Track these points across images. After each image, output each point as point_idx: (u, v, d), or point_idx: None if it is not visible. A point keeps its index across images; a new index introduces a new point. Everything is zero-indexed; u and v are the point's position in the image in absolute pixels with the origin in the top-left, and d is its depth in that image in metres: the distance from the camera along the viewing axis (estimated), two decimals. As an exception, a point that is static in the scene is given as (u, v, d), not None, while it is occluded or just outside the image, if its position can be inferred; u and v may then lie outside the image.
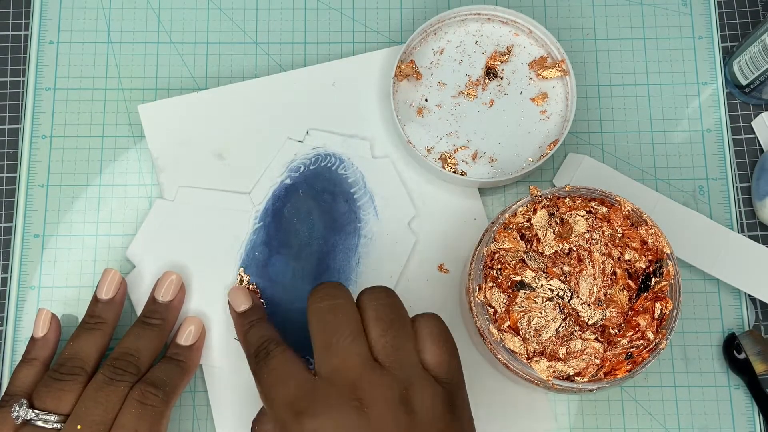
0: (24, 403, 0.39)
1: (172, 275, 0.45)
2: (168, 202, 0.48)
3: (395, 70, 0.48)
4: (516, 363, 0.39)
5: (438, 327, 0.38)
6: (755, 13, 0.53)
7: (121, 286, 0.44)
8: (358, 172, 0.49)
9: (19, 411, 0.39)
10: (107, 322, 0.43)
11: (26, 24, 0.52)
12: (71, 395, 0.39)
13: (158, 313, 0.44)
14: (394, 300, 0.38)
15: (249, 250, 0.47)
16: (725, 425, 0.46)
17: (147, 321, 0.43)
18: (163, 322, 0.43)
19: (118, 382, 0.40)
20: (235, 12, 0.52)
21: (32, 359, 0.42)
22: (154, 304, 0.44)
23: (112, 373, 0.40)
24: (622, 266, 0.41)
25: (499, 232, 0.41)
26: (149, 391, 0.40)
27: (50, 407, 0.39)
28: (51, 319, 0.44)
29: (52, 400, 0.39)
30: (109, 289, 0.44)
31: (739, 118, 0.51)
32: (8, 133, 0.50)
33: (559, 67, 0.49)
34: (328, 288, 0.38)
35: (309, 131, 0.49)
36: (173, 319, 0.45)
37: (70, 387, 0.40)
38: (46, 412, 0.39)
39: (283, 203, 0.48)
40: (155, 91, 0.51)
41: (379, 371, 0.35)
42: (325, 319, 0.37)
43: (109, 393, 0.39)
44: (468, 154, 0.49)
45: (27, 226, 0.48)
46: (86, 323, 0.43)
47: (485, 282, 0.41)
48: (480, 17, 0.50)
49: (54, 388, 0.40)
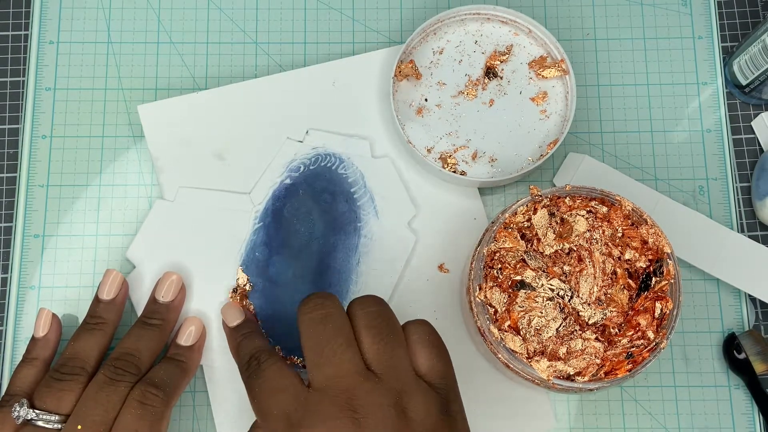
0: (24, 403, 0.39)
1: (172, 275, 0.45)
2: (168, 203, 0.48)
3: (395, 70, 0.48)
4: (516, 363, 0.39)
5: (429, 333, 0.37)
6: (755, 13, 0.53)
7: (122, 286, 0.44)
8: (358, 172, 0.49)
9: (19, 411, 0.39)
10: (108, 323, 0.43)
11: (26, 24, 0.52)
12: (72, 395, 0.39)
13: (159, 314, 0.44)
14: (383, 308, 0.38)
15: (249, 250, 0.47)
16: (725, 425, 0.46)
17: (147, 321, 0.43)
18: (164, 323, 0.43)
19: (118, 382, 0.40)
20: (235, 12, 0.52)
21: (33, 359, 0.42)
22: (154, 304, 0.44)
23: (112, 373, 0.40)
24: (623, 266, 0.41)
25: (499, 232, 0.41)
26: (150, 392, 0.40)
27: (51, 407, 0.39)
28: (52, 319, 0.44)
29: (52, 400, 0.39)
30: (111, 289, 0.44)
31: (739, 118, 0.51)
32: (8, 133, 0.50)
33: (559, 67, 0.49)
34: (318, 298, 0.38)
35: (309, 131, 0.49)
36: (174, 320, 0.45)
37: (71, 387, 0.40)
38: (46, 412, 0.39)
39: (283, 203, 0.48)
40: (155, 91, 0.51)
41: (372, 380, 0.35)
42: (316, 330, 0.36)
43: (110, 393, 0.39)
44: (468, 154, 0.49)
45: (27, 226, 0.48)
46: (87, 323, 0.43)
47: (486, 281, 0.41)
48: (479, 17, 0.50)
49: (55, 388, 0.40)
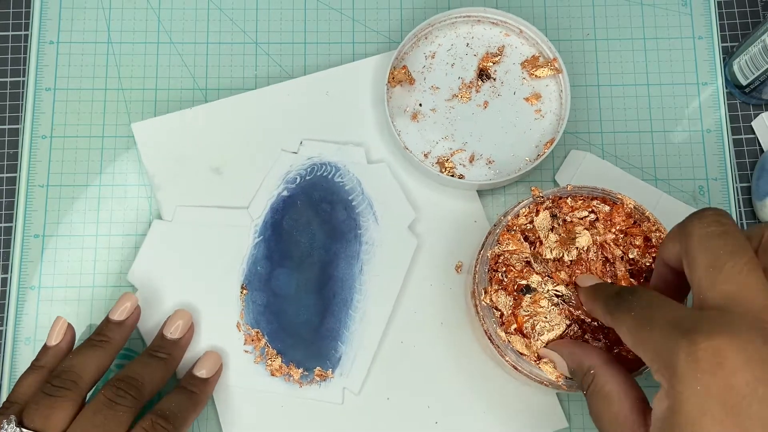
0: (13, 420, 0.38)
1: (182, 314, 0.45)
2: (166, 223, 0.48)
3: (388, 76, 0.48)
4: (524, 365, 0.39)
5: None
6: (755, 13, 0.53)
7: (134, 311, 0.44)
8: (355, 179, 0.48)
9: (6, 429, 0.37)
10: (112, 342, 0.42)
11: (26, 24, 0.52)
12: (61, 413, 0.38)
13: (165, 348, 0.43)
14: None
15: (251, 265, 0.47)
16: (725, 425, 0.46)
17: (154, 353, 0.43)
18: (170, 357, 0.43)
19: (117, 405, 0.39)
20: (235, 12, 0.52)
21: (40, 367, 0.41)
22: (162, 339, 0.44)
23: (113, 394, 0.39)
24: (625, 266, 0.41)
25: (502, 235, 0.41)
26: (159, 423, 0.39)
27: (38, 426, 0.38)
28: (66, 329, 0.43)
29: (40, 419, 0.38)
30: (123, 312, 0.43)
31: (739, 118, 0.51)
32: (8, 133, 0.50)
33: (552, 66, 0.49)
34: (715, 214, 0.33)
35: (303, 142, 0.49)
36: (179, 356, 0.44)
37: (60, 404, 0.38)
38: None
39: (282, 215, 0.47)
40: (155, 91, 0.51)
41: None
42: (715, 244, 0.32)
43: (108, 417, 0.38)
44: (465, 157, 0.49)
45: (27, 226, 0.48)
46: (91, 340, 0.42)
47: (490, 285, 0.40)
48: (470, 19, 0.50)
49: (43, 405, 0.38)
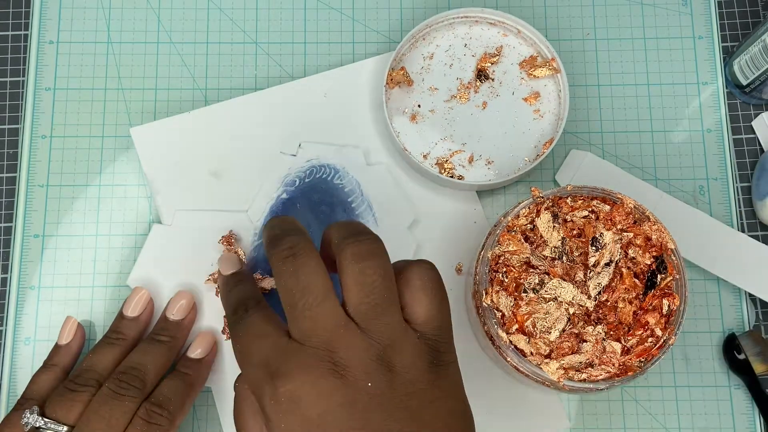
0: (35, 410, 0.39)
1: (185, 295, 0.45)
2: (165, 227, 0.47)
3: (386, 77, 0.48)
4: (526, 365, 0.39)
5: (433, 281, 0.34)
6: (755, 13, 0.53)
7: (148, 305, 0.45)
8: (354, 181, 0.48)
9: (29, 417, 0.39)
10: (128, 339, 0.43)
11: (26, 24, 0.52)
12: (82, 406, 0.40)
13: (168, 331, 0.44)
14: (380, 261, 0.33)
15: (251, 268, 0.47)
16: (725, 425, 0.46)
17: (156, 338, 0.43)
18: (172, 340, 0.43)
19: (122, 396, 0.40)
20: (235, 12, 0.52)
21: (53, 365, 0.43)
22: (164, 322, 0.44)
23: (116, 386, 0.40)
24: (626, 264, 0.41)
25: (503, 236, 0.41)
26: (154, 411, 0.40)
27: (60, 417, 0.39)
28: (77, 328, 0.44)
29: (62, 410, 0.39)
30: (136, 307, 0.44)
31: (739, 118, 0.51)
32: (8, 133, 0.50)
33: (550, 66, 0.49)
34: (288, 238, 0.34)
35: (301, 144, 0.49)
36: (183, 338, 0.45)
37: (82, 398, 0.40)
38: (55, 422, 0.39)
39: None
40: (155, 91, 0.51)
41: (354, 332, 0.32)
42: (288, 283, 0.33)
43: (113, 407, 0.39)
44: (464, 158, 0.49)
45: (27, 226, 0.48)
46: (108, 338, 0.43)
47: (491, 286, 0.40)
48: (468, 20, 0.50)
49: (66, 398, 0.40)
